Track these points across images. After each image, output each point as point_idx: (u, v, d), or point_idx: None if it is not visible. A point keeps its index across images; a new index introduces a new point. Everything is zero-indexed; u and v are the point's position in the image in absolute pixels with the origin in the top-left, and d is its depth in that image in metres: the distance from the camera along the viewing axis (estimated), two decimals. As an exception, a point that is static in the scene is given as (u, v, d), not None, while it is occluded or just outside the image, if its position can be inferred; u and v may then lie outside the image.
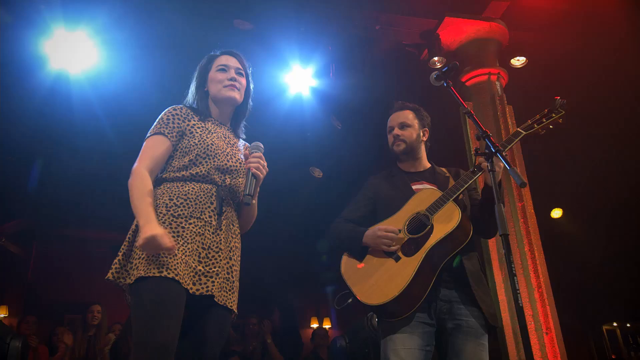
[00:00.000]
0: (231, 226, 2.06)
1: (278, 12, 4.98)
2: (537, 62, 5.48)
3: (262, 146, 2.15)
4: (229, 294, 1.98)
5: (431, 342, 2.32)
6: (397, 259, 2.36)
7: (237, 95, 2.22)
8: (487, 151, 2.00)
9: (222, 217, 2.02)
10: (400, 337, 2.28)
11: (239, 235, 2.14)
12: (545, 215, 7.82)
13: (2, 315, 7.74)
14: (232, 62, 2.25)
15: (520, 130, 2.45)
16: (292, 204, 7.62)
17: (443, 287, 2.35)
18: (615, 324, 9.14)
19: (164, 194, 1.98)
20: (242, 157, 2.16)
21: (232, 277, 2.01)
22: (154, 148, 2.04)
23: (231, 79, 2.20)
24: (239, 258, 2.11)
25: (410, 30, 5.37)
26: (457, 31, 5.28)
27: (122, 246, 1.93)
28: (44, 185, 6.69)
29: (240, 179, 2.13)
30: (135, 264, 1.85)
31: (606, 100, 5.74)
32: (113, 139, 5.67)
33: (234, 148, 2.18)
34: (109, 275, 1.87)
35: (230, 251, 2.02)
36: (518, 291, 1.77)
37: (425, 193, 2.50)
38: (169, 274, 1.79)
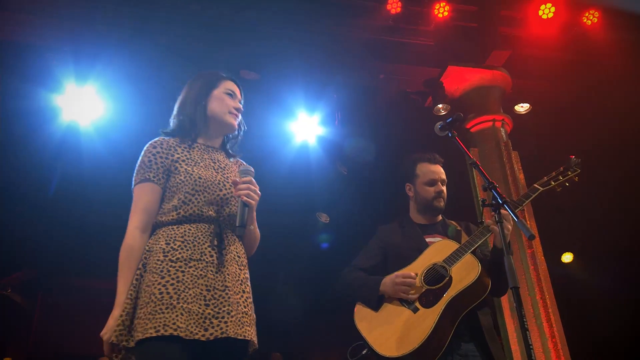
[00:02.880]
0: (237, 258, 1.97)
1: (284, 63, 5.09)
2: (541, 108, 5.52)
3: (252, 170, 2.05)
4: (246, 327, 1.87)
5: None
6: (415, 310, 2.31)
7: (236, 125, 2.21)
8: (494, 202, 1.99)
9: (225, 252, 1.93)
10: None
11: (247, 266, 2.05)
12: (555, 260, 7.69)
13: (6, 369, 7.59)
14: (237, 91, 2.24)
15: (537, 186, 2.51)
16: (300, 248, 7.60)
17: (460, 341, 2.31)
18: (633, 373, 8.83)
19: (160, 238, 1.90)
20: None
21: (250, 310, 1.93)
22: (143, 199, 1.98)
23: (237, 109, 2.19)
24: (251, 289, 2.01)
25: (414, 78, 5.46)
26: (460, 79, 5.34)
27: (125, 305, 1.82)
28: (50, 234, 6.69)
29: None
30: (135, 325, 1.78)
31: (612, 144, 5.74)
32: (120, 188, 5.71)
33: (226, 172, 2.10)
34: (112, 338, 1.78)
35: (241, 284, 1.93)
36: (531, 346, 1.74)
37: (441, 245, 2.49)
38: (166, 331, 1.70)
